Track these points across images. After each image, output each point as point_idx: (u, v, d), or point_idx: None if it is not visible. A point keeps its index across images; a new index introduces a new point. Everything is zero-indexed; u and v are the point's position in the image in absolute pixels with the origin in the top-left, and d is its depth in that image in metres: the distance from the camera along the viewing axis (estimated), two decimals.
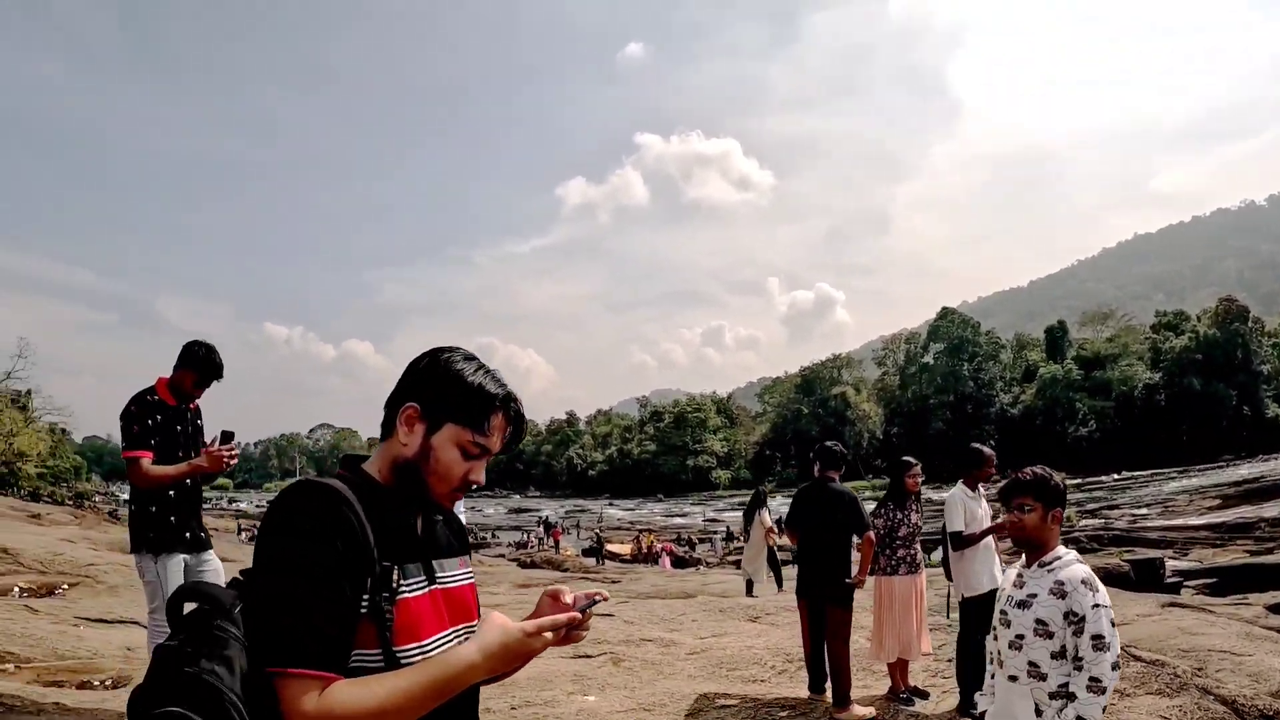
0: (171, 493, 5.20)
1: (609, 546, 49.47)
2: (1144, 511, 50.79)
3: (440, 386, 1.82)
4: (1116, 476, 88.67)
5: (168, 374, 5.38)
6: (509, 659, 1.71)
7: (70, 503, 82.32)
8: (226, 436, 5.23)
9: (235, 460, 5.22)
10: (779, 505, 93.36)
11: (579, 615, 1.80)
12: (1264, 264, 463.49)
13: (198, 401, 5.59)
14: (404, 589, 1.71)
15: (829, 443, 8.13)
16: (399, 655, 1.67)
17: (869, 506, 7.97)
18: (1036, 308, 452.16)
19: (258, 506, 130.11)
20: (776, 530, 17.45)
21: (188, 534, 5.28)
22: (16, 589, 10.77)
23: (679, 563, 40.78)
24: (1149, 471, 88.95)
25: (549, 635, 1.74)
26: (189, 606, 1.67)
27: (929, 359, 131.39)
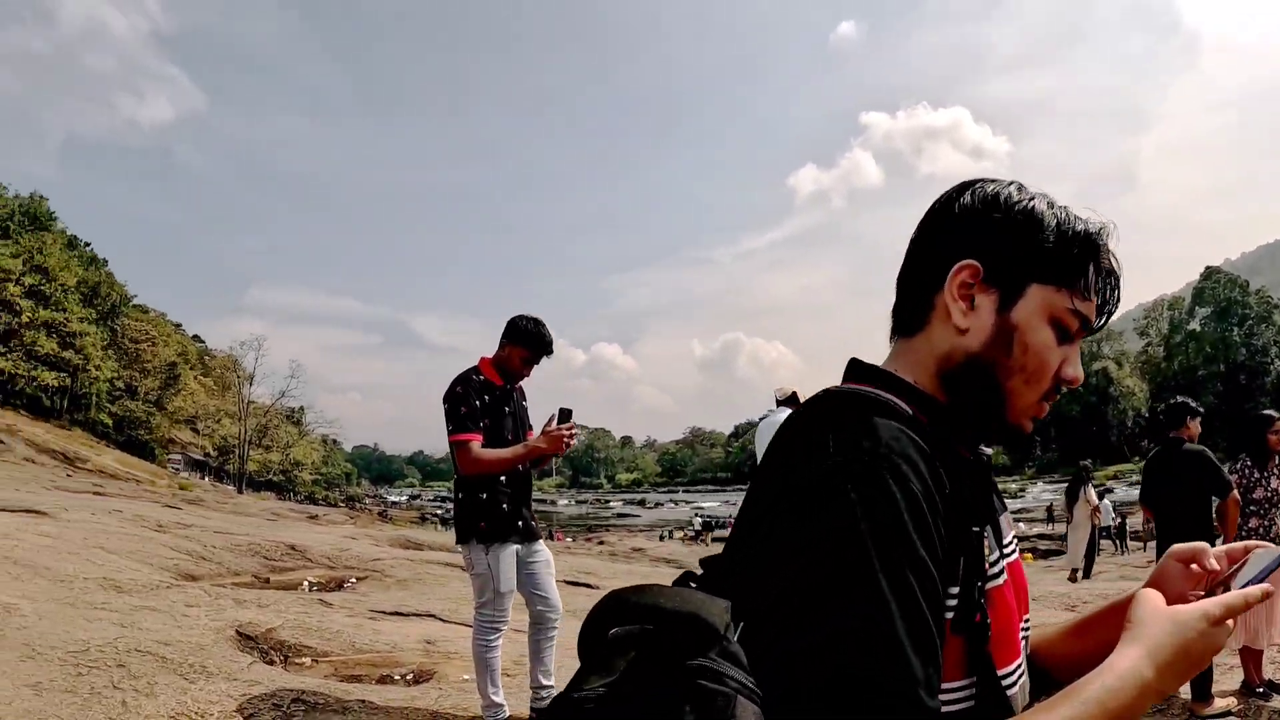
0: (503, 479, 4.64)
1: None
2: None
3: (1012, 231, 1.08)
4: None
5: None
6: (1189, 667, 0.95)
7: (343, 505, 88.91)
8: (565, 415, 4.53)
9: (574, 441, 4.59)
10: (1042, 493, 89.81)
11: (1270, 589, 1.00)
12: None
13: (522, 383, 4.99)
14: (991, 573, 1.01)
15: (1178, 399, 7.02)
16: (1005, 684, 1.00)
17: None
18: None
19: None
20: (1099, 511, 15.95)
21: (520, 522, 4.70)
22: (306, 583, 10.57)
23: None
24: None
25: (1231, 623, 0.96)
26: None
27: (1195, 325, 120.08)
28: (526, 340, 4.74)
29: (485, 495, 4.57)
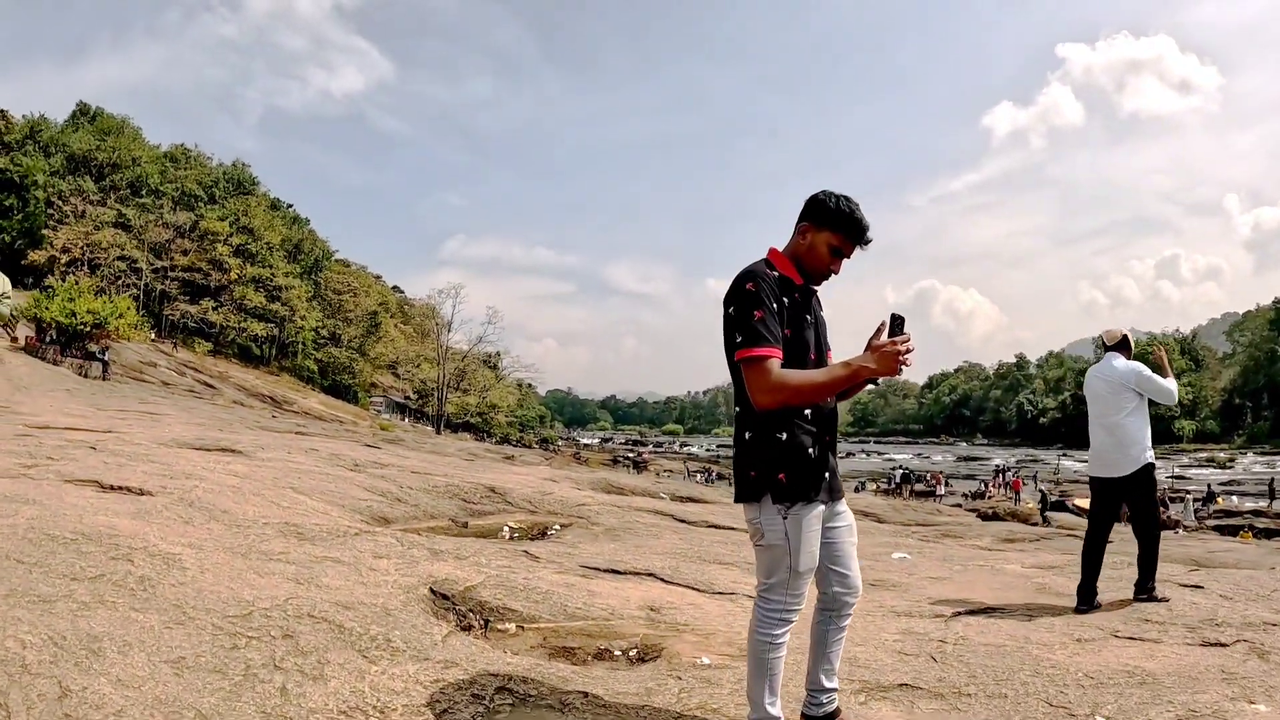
0: (808, 413, 3.28)
1: (1075, 501, 45.20)
2: None
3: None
4: None
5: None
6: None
7: (537, 446, 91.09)
8: (897, 324, 3.06)
9: (911, 359, 3.15)
10: (1253, 464, 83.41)
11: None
12: None
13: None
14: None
15: None
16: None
17: None
18: None
19: (707, 450, 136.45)
20: None
21: (827, 474, 3.32)
22: (506, 528, 9.66)
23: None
24: None
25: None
26: None
27: None
28: (838, 222, 3.29)
29: (785, 435, 3.21)
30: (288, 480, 9.45)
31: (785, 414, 3.18)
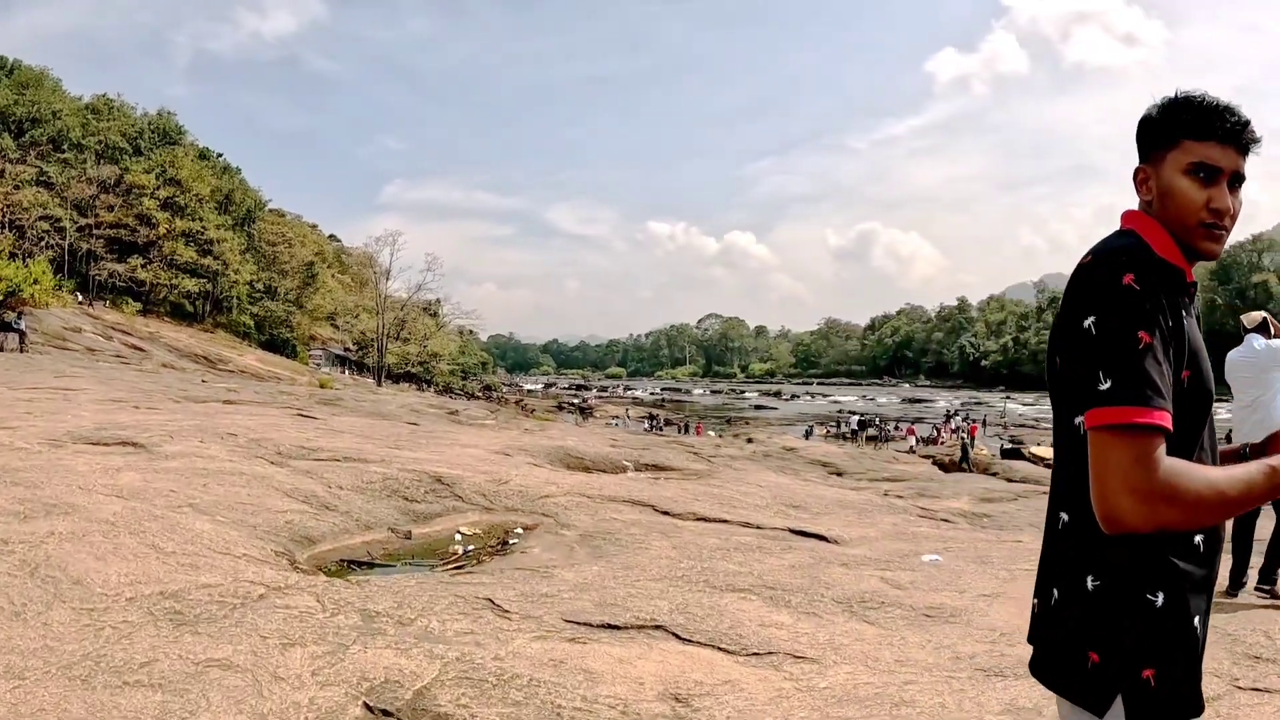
0: (1199, 542, 1.70)
1: (1032, 449, 44.44)
2: None
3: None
4: None
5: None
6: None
7: (480, 395, 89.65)
8: None
9: None
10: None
11: None
12: None
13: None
14: None
15: None
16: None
17: None
18: None
19: (651, 394, 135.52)
20: None
21: None
22: (458, 537, 8.03)
23: None
24: None
25: None
26: None
27: None
28: (1182, 124, 1.72)
29: (1162, 597, 1.60)
30: (189, 493, 7.66)
31: (1163, 544, 1.56)
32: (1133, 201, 1.82)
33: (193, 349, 53.28)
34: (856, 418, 56.13)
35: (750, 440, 41.17)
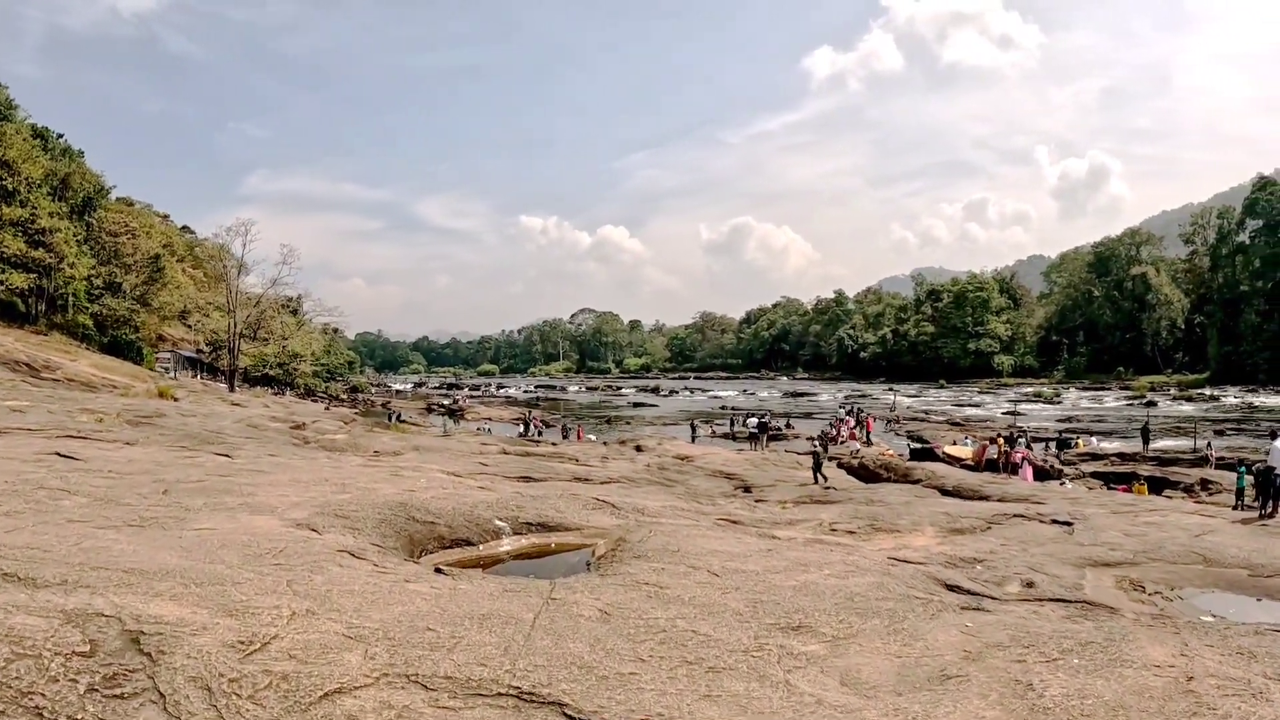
0: None
1: (946, 449, 40.88)
2: None
3: None
4: None
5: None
6: None
7: (345, 398, 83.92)
8: None
9: None
10: (1080, 400, 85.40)
11: None
12: None
13: None
14: None
15: None
16: None
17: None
18: None
19: (524, 392, 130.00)
20: None
21: None
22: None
23: (1039, 474, 33.03)
24: None
25: None
26: None
27: (1244, 238, 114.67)
28: None
29: None
30: None
31: None
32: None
33: (14, 354, 45.90)
34: (756, 420, 51.74)
35: (640, 449, 36.60)
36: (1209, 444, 40.22)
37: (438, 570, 8.33)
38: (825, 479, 25.59)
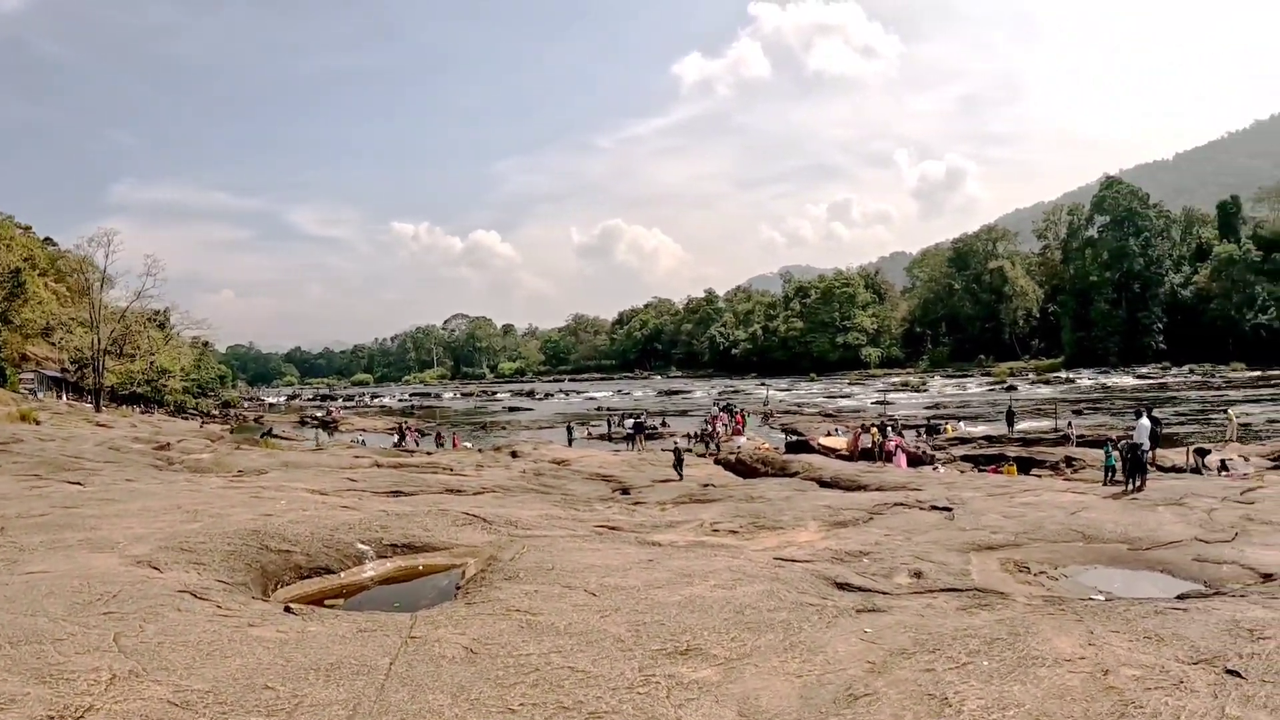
0: None
1: (820, 440, 41.04)
2: None
3: None
4: None
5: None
6: None
7: (217, 414, 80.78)
8: None
9: None
10: (945, 387, 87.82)
11: None
12: None
13: None
14: None
15: None
16: None
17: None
18: (1184, 183, 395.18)
19: (400, 400, 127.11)
20: None
21: None
22: None
23: (913, 460, 33.41)
24: None
25: None
26: None
27: (1092, 233, 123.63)
28: None
29: None
30: None
31: None
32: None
33: None
34: (632, 420, 51.31)
35: (515, 454, 35.75)
36: (1070, 423, 41.36)
37: (287, 609, 7.43)
38: (682, 476, 25.42)
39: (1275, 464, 27.08)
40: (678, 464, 26.62)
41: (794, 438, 45.55)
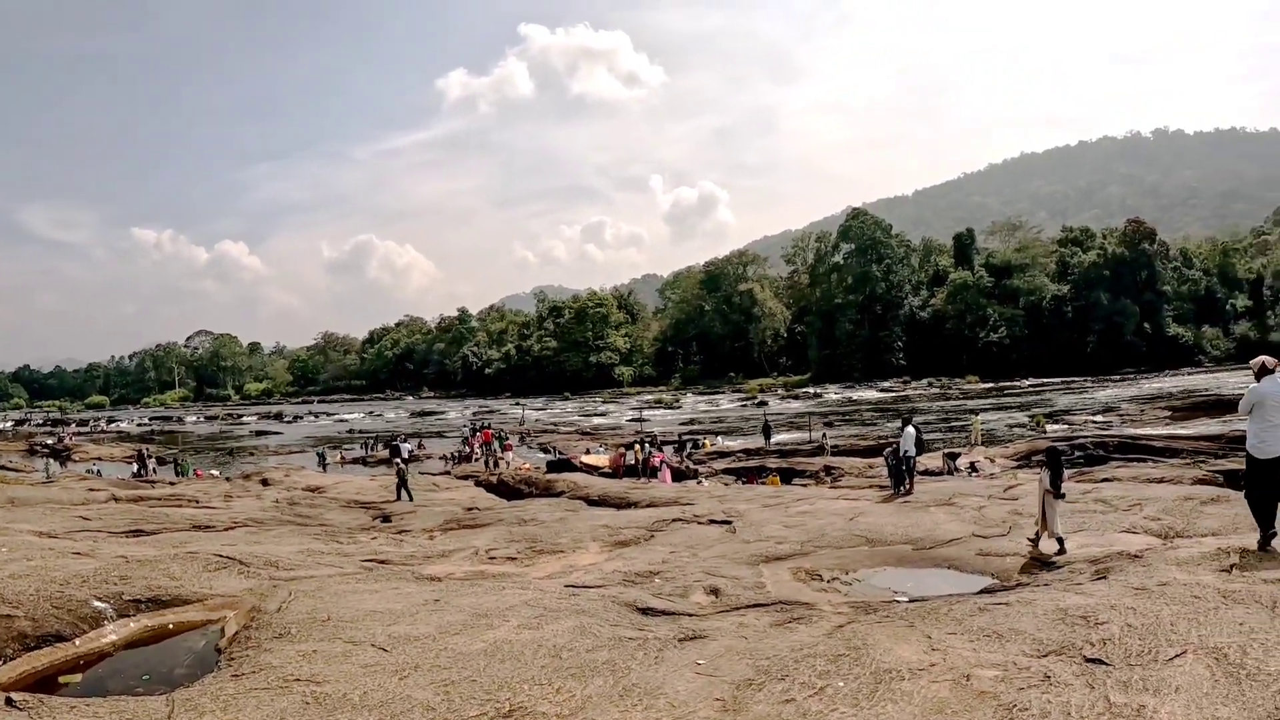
0: None
1: (582, 459, 40.74)
2: (1103, 419, 49.49)
3: None
4: (1027, 383, 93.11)
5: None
6: None
7: None
8: None
9: None
10: (698, 404, 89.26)
11: None
12: (1147, 192, 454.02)
13: None
14: None
15: None
16: None
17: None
18: (922, 216, 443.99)
19: (139, 425, 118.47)
20: None
21: None
22: None
23: (677, 475, 33.30)
24: (1059, 380, 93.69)
25: None
26: None
27: (838, 259, 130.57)
28: None
29: None
30: None
31: None
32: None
33: None
34: (396, 443, 49.47)
35: (266, 482, 33.36)
36: (824, 434, 42.62)
37: (9, 701, 5.84)
38: (411, 497, 24.57)
39: (1020, 464, 28.67)
40: (401, 485, 25.50)
41: (556, 456, 44.97)
